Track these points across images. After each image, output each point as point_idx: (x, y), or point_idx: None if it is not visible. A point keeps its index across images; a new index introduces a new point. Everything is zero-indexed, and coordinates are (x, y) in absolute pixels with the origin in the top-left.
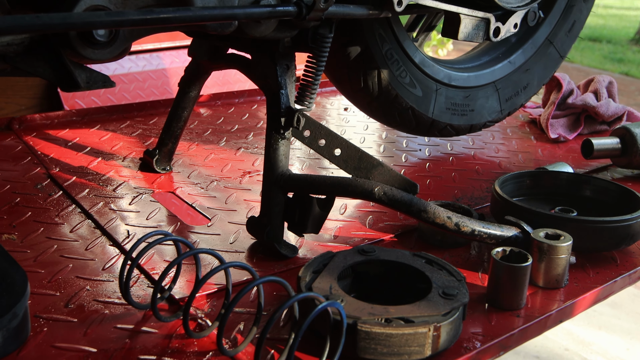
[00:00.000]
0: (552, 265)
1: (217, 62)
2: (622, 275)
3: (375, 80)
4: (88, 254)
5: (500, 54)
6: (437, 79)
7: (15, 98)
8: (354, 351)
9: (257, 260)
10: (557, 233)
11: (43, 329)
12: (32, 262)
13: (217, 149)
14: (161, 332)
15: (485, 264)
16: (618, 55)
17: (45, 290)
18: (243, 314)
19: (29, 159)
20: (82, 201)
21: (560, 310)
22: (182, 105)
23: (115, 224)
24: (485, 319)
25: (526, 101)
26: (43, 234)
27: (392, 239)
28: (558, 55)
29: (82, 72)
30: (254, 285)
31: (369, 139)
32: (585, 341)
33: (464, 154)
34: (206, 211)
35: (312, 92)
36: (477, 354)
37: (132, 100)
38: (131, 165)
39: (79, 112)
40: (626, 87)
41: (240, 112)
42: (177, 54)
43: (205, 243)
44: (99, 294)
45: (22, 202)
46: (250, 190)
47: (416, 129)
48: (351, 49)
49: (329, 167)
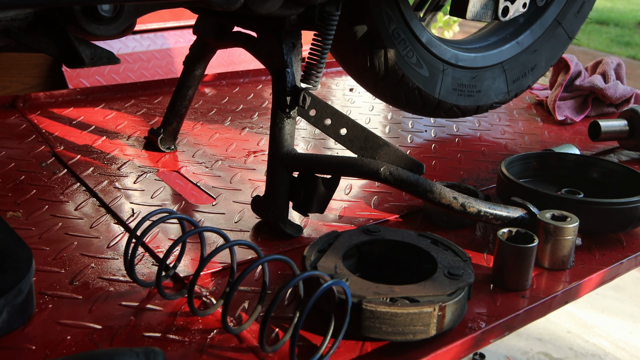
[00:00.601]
0: (558, 247)
1: (223, 40)
2: (628, 258)
3: (381, 60)
4: (93, 232)
5: (508, 34)
6: (444, 59)
7: (20, 77)
8: (359, 330)
9: (262, 240)
10: (563, 214)
11: (48, 306)
12: (37, 239)
13: (221, 129)
14: (166, 310)
15: (491, 245)
16: (625, 38)
17: (50, 267)
18: (248, 293)
19: (33, 137)
20: (86, 179)
21: (566, 292)
22: (187, 84)
23: (119, 203)
24: (490, 300)
25: (533, 82)
26: (48, 211)
27: (397, 219)
28: (566, 36)
29: (86, 48)
30: (259, 264)
31: (374, 120)
32: (588, 324)
33: (470, 135)
34: (211, 190)
35: (318, 71)
36: (482, 334)
37: (137, 79)
38: (136, 144)
39: (83, 90)
40: (633, 71)
41: (245, 92)
42: (181, 33)
43: (209, 222)
44: (104, 272)
45: (27, 180)
46: (255, 170)
47: (422, 109)
48: (358, 28)
49: (334, 148)
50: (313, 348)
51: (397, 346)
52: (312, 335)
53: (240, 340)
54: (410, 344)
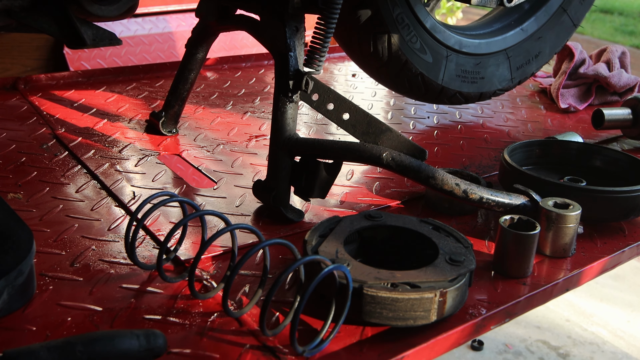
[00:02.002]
0: (560, 234)
1: (225, 23)
2: (629, 246)
3: (385, 45)
4: (94, 214)
5: (513, 21)
6: (448, 45)
7: (21, 59)
8: (360, 315)
9: (263, 224)
10: (566, 202)
11: (49, 287)
12: (37, 221)
13: (223, 113)
14: (166, 293)
15: (492, 232)
16: (629, 27)
17: (51, 249)
18: (248, 277)
19: (34, 119)
20: (87, 162)
21: (567, 279)
22: (188, 67)
23: (120, 185)
24: (491, 286)
25: (537, 70)
26: (49, 193)
27: (398, 205)
28: (571, 23)
29: (88, 29)
30: (260, 248)
31: (376, 106)
32: (587, 312)
33: (472, 122)
34: (212, 174)
35: (321, 55)
36: (483, 320)
37: (138, 63)
38: (137, 127)
39: (84, 73)
40: (637, 60)
41: (247, 76)
42: (183, 17)
43: (211, 206)
44: (105, 254)
45: (28, 162)
46: (256, 154)
47: (425, 95)
48: (361, 12)
49: (336, 133)
50: (313, 332)
51: (398, 331)
52: (312, 319)
53: (241, 323)
54: (411, 330)
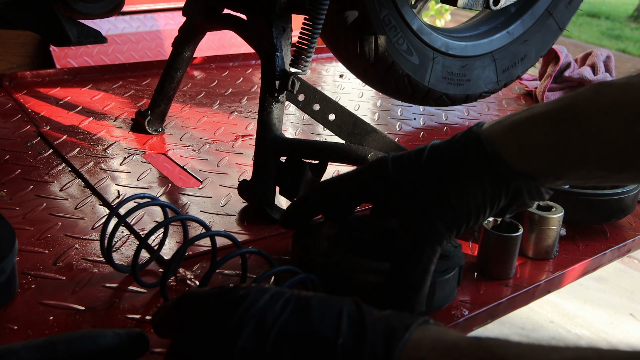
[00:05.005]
0: (543, 236)
1: (212, 22)
2: (611, 248)
3: (372, 47)
4: (78, 213)
5: (499, 24)
6: (435, 47)
7: (7, 55)
8: None
9: (248, 224)
10: (548, 204)
11: (31, 286)
12: (20, 219)
13: (210, 112)
14: (150, 292)
15: (476, 233)
16: (616, 31)
17: (34, 247)
18: (232, 277)
19: (19, 116)
20: (72, 160)
21: (549, 281)
22: (175, 66)
23: (105, 184)
24: (474, 288)
25: (523, 73)
26: (32, 191)
27: None
28: (557, 27)
29: (73, 26)
30: (232, 257)
31: (363, 107)
32: (570, 314)
33: (458, 124)
34: (198, 174)
35: (307, 56)
36: (465, 321)
37: (125, 61)
38: (123, 125)
39: (70, 70)
40: (623, 64)
41: (234, 75)
42: (171, 15)
43: (196, 205)
44: (88, 253)
45: (12, 160)
46: (242, 154)
47: (412, 97)
48: (349, 13)
49: (322, 134)
50: None
51: None
52: None
53: None
54: None
